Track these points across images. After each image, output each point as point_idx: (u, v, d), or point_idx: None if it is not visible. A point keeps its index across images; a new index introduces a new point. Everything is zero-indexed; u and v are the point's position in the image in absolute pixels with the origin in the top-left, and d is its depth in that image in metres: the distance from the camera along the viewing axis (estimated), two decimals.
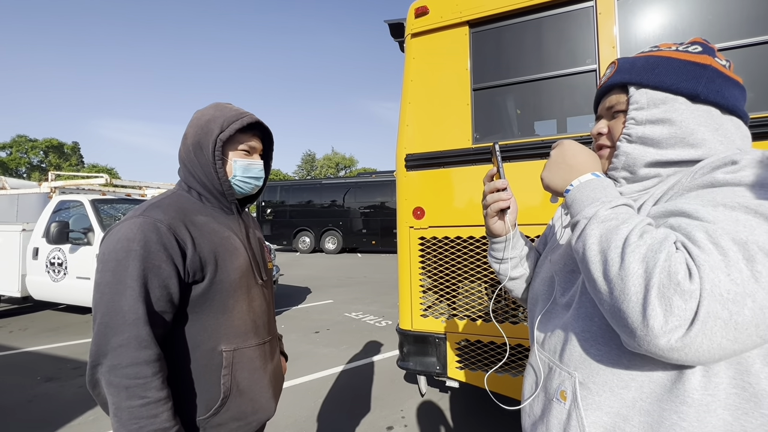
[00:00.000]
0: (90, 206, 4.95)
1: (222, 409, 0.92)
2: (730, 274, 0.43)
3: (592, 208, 0.57)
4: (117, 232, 0.84)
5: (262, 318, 1.04)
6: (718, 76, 0.62)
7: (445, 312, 2.29)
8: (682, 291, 0.44)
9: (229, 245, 0.96)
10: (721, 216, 0.48)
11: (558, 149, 0.70)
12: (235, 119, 0.97)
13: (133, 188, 6.52)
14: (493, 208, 0.80)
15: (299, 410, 2.87)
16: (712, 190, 0.52)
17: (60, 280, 4.85)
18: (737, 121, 0.63)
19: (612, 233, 0.52)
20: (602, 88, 0.71)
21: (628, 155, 0.66)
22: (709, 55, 0.64)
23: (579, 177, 0.64)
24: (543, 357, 0.72)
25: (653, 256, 0.47)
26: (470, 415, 2.76)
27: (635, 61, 0.67)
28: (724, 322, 0.43)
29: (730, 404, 0.50)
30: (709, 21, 1.82)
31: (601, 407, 0.59)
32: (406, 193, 2.36)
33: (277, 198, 15.61)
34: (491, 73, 2.23)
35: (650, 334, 0.45)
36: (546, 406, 0.68)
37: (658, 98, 0.63)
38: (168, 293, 0.84)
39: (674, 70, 0.63)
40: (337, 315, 5.70)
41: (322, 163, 45.41)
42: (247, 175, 1.02)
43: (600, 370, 0.59)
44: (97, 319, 0.79)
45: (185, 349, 0.90)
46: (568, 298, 0.70)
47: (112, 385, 0.77)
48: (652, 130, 0.63)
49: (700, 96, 0.61)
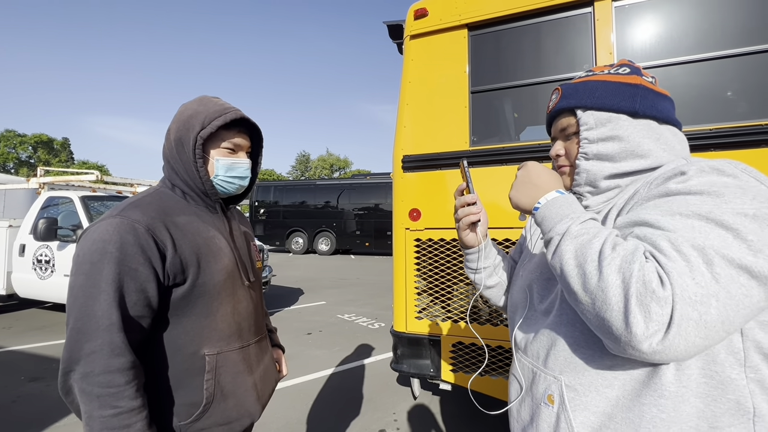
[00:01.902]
0: (80, 203, 4.86)
1: (205, 415, 0.89)
2: (695, 278, 0.48)
3: (563, 225, 0.62)
4: (93, 232, 0.81)
5: (248, 320, 1.01)
6: (648, 92, 0.70)
7: (439, 314, 2.28)
8: (658, 298, 0.48)
9: (213, 246, 0.93)
10: (679, 224, 0.52)
11: (523, 170, 0.75)
12: (218, 115, 0.91)
13: (124, 185, 6.41)
14: (464, 221, 0.85)
15: (290, 412, 2.84)
16: (668, 200, 0.57)
17: (47, 277, 4.75)
18: (673, 129, 0.71)
19: (586, 247, 0.56)
20: (552, 112, 0.78)
21: (588, 172, 0.72)
22: (637, 75, 0.72)
23: (545, 195, 0.69)
24: (526, 363, 0.75)
25: (628, 267, 0.51)
26: (463, 418, 2.75)
27: (577, 87, 0.74)
28: (695, 322, 0.47)
29: (701, 392, 0.55)
30: (704, 30, 1.84)
31: (588, 407, 0.62)
32: (403, 195, 2.35)
33: (271, 198, 15.51)
34: (489, 77, 2.24)
35: (634, 339, 0.49)
36: (534, 411, 0.70)
37: (604, 118, 0.70)
38: (145, 297, 0.81)
39: (612, 91, 0.70)
40: (330, 317, 5.67)
41: (316, 164, 45.33)
42: (231, 174, 0.97)
43: (585, 372, 0.63)
44: (69, 324, 0.76)
45: (165, 353, 0.87)
46: (546, 305, 0.73)
47: (84, 392, 0.74)
48: (604, 146, 0.70)
49: (638, 112, 0.69)
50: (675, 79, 1.89)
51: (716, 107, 1.86)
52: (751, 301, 0.48)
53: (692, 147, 1.75)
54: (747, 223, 0.49)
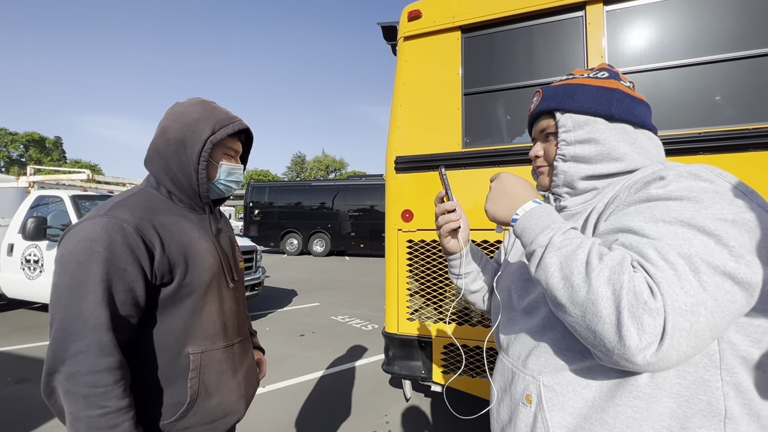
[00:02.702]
0: (70, 202, 4.81)
1: (189, 413, 0.89)
2: (683, 287, 0.48)
3: (544, 236, 0.60)
4: (78, 231, 0.79)
5: (233, 320, 1.02)
6: (625, 97, 0.71)
7: (431, 316, 2.28)
8: (650, 309, 0.47)
9: (199, 246, 0.94)
10: (663, 231, 0.52)
11: (497, 182, 0.74)
12: (227, 123, 0.96)
13: (116, 185, 6.34)
14: (444, 229, 0.86)
15: (281, 414, 2.82)
16: (649, 205, 0.57)
17: (36, 278, 4.69)
18: (648, 133, 0.72)
19: (571, 259, 0.55)
20: (532, 114, 0.80)
21: (566, 173, 0.74)
22: (615, 79, 0.73)
23: (522, 206, 0.68)
24: (507, 363, 0.76)
25: (617, 278, 0.50)
26: (455, 419, 2.75)
27: (557, 90, 0.75)
28: (687, 332, 0.47)
29: (674, 393, 0.55)
30: (693, 35, 1.87)
31: (565, 407, 0.63)
32: (396, 196, 2.35)
33: (266, 199, 15.46)
34: (482, 79, 2.24)
35: (627, 352, 0.49)
36: (513, 411, 0.71)
37: (581, 120, 0.71)
38: (133, 297, 0.81)
39: (589, 95, 0.71)
40: (323, 318, 5.65)
41: (312, 165, 45.22)
42: (230, 179, 1.02)
43: (564, 373, 0.64)
44: (54, 325, 0.75)
45: (150, 352, 0.87)
46: (526, 305, 0.74)
47: (69, 393, 0.73)
48: (581, 149, 0.71)
49: (614, 116, 0.70)
50: (664, 83, 1.90)
51: (705, 111, 1.88)
52: (735, 307, 0.49)
53: (682, 150, 1.77)
54: (727, 228, 0.50)
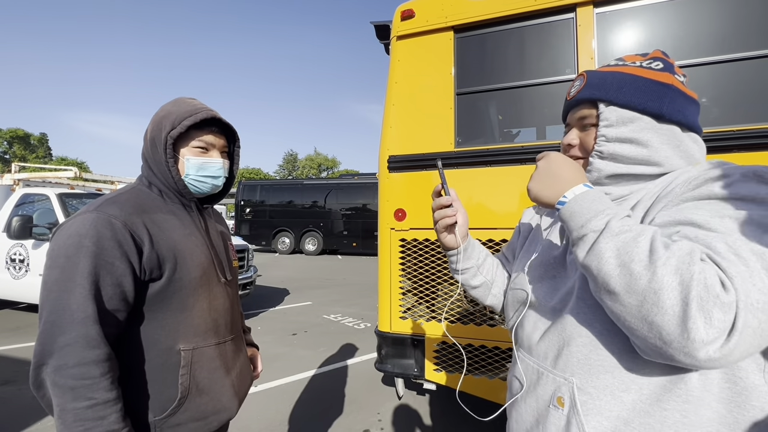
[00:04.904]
0: (57, 200, 4.71)
1: (180, 410, 0.89)
2: (755, 284, 0.45)
3: (599, 221, 0.56)
4: (68, 227, 0.81)
5: (225, 317, 1.02)
6: (679, 95, 0.65)
7: (424, 314, 2.29)
8: (722, 303, 0.45)
9: (189, 243, 0.94)
10: (731, 227, 0.50)
11: (545, 161, 0.68)
12: (188, 115, 0.92)
13: (104, 183, 6.24)
14: (441, 224, 0.82)
15: (274, 413, 2.81)
16: (712, 202, 0.54)
17: (21, 277, 4.59)
18: (695, 136, 0.68)
19: (631, 246, 0.51)
20: (572, 100, 0.73)
21: (600, 171, 0.69)
22: (669, 72, 0.67)
23: (572, 188, 0.62)
24: (531, 363, 0.71)
25: (687, 268, 0.47)
26: (448, 417, 2.77)
27: (605, 77, 0.69)
28: (754, 330, 0.45)
29: (723, 398, 0.54)
30: (680, 37, 1.90)
31: (602, 412, 0.59)
32: (388, 195, 2.35)
33: (257, 197, 15.33)
34: (474, 79, 2.26)
35: (690, 346, 0.46)
36: (541, 414, 0.67)
37: (627, 117, 0.66)
38: (121, 291, 0.82)
39: (640, 89, 0.66)
40: (316, 317, 5.63)
41: (304, 163, 45.00)
42: (203, 173, 0.97)
43: (600, 375, 0.60)
44: (43, 318, 0.76)
45: (140, 347, 0.87)
46: (554, 303, 0.70)
47: (57, 385, 0.74)
48: (621, 147, 0.66)
49: (664, 116, 0.65)
50: None
51: None
52: None
53: None
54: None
